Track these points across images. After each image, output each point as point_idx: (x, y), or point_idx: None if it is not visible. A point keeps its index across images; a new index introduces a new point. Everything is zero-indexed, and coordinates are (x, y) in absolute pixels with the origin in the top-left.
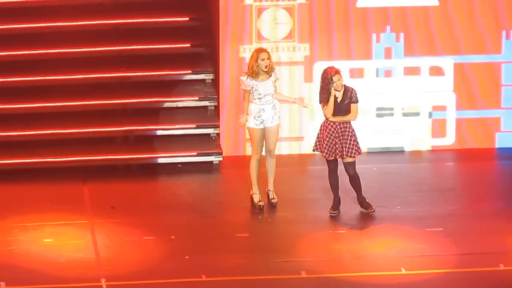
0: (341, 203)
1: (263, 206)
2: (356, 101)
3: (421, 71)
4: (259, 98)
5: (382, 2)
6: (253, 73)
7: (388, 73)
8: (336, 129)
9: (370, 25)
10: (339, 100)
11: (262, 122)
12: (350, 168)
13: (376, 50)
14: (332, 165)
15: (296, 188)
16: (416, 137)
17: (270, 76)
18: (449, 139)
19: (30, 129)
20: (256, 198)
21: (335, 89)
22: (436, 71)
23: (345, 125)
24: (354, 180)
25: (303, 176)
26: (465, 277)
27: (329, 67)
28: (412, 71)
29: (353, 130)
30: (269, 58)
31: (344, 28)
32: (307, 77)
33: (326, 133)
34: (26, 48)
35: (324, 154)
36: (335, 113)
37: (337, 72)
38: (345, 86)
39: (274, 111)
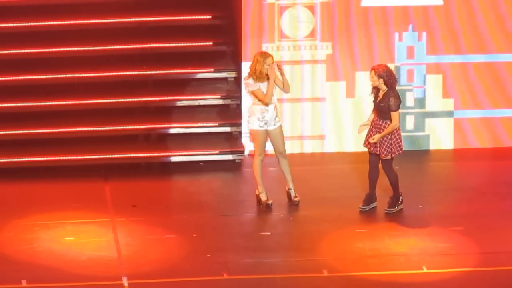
0: None
1: (271, 204)
2: (395, 110)
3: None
4: None
5: (386, 1)
6: (260, 76)
7: None
8: (379, 127)
9: (391, 24)
10: (378, 99)
11: (266, 124)
12: (383, 165)
13: (399, 49)
14: (371, 160)
15: (318, 187)
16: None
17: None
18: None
19: (52, 127)
20: (264, 197)
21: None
22: None
23: (385, 125)
24: (387, 178)
25: (325, 175)
26: (487, 276)
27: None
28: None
29: (396, 131)
30: (273, 62)
31: (366, 27)
32: (329, 76)
33: (371, 127)
34: (49, 46)
35: (364, 144)
36: (375, 112)
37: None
38: (389, 89)
39: (275, 111)
